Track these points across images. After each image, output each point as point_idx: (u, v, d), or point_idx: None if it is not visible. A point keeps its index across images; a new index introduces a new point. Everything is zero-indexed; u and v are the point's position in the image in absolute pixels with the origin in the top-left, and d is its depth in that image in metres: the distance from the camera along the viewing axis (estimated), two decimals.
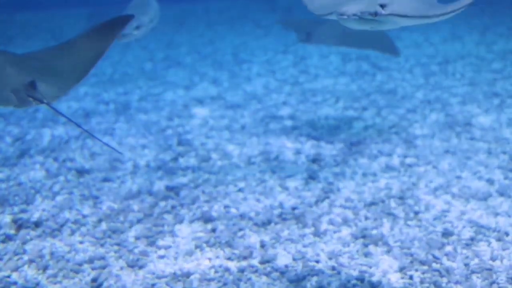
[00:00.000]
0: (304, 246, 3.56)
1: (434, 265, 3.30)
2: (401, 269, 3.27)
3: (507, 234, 3.60)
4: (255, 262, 3.40)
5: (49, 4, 13.58)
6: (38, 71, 3.04)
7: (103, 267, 3.39)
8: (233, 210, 4.03)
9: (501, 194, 4.14)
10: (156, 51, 9.86)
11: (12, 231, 3.80)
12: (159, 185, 4.45)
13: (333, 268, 3.31)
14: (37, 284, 3.25)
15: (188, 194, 4.29)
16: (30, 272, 3.36)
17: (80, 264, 3.42)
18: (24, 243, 3.66)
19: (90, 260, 3.45)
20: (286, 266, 3.35)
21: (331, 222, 3.82)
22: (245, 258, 3.44)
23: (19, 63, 3.09)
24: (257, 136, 5.52)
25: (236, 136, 5.53)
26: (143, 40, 10.88)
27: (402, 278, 3.20)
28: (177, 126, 5.85)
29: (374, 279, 3.19)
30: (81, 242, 3.67)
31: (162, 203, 4.16)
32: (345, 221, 3.83)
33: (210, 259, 3.45)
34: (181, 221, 3.89)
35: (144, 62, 9.10)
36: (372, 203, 4.07)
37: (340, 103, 6.49)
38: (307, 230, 3.74)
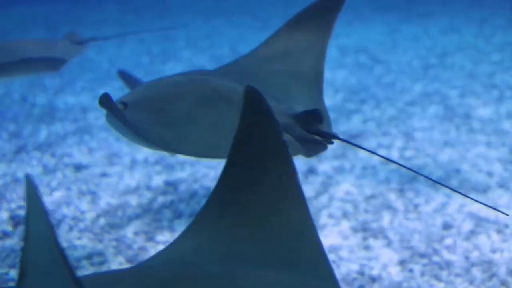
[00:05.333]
0: None
1: (434, 258, 3.28)
2: (401, 262, 3.26)
3: (507, 226, 3.59)
4: None
5: None
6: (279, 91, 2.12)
7: (102, 263, 3.37)
8: None
9: (501, 186, 4.13)
10: (152, 44, 9.81)
11: (10, 228, 3.78)
12: (158, 180, 4.43)
13: (333, 262, 3.30)
14: None
15: (187, 188, 4.27)
16: None
17: (79, 260, 3.40)
18: (21, 239, 3.64)
19: (89, 256, 3.43)
20: None
21: (330, 216, 3.80)
22: None
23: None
24: None
25: None
26: (139, 34, 10.83)
27: (402, 271, 3.18)
28: None
29: (374, 272, 3.18)
30: (79, 238, 3.65)
31: (161, 198, 4.14)
32: (345, 215, 3.81)
33: None
34: (180, 216, 3.88)
35: (141, 56, 9.06)
36: (372, 196, 4.05)
37: (339, 96, 6.46)
38: None
